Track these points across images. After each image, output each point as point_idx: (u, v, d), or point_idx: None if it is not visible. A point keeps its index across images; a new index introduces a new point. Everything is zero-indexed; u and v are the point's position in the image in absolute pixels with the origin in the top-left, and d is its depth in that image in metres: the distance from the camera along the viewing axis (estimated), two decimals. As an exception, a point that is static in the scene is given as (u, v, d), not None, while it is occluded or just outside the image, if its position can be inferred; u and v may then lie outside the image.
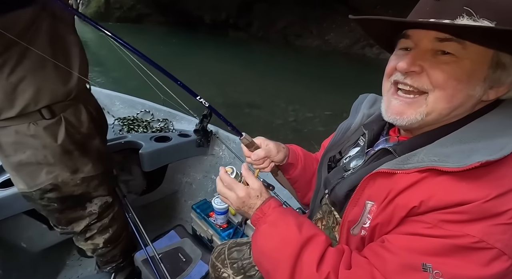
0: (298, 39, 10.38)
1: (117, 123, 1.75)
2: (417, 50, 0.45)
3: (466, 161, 0.37)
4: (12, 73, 0.73)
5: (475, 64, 0.42)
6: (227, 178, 0.60)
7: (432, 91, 0.44)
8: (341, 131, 0.68)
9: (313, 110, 4.32)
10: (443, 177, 0.39)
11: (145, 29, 13.57)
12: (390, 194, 0.44)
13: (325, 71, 7.22)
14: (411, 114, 0.46)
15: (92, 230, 1.04)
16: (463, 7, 0.39)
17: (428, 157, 0.41)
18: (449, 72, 0.42)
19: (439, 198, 0.38)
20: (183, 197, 1.74)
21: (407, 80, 0.45)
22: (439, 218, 0.38)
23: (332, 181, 0.60)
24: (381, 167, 0.46)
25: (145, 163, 1.38)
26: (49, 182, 0.87)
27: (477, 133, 0.42)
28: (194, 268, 1.18)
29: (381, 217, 0.45)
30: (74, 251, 1.38)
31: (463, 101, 0.44)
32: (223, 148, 1.60)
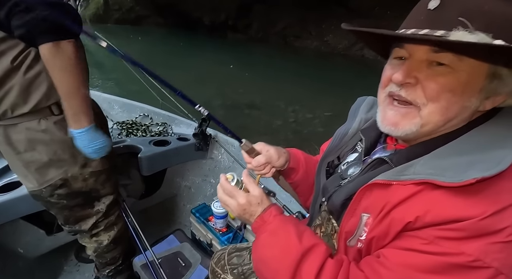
0: (297, 40, 10.41)
1: (116, 127, 1.75)
2: (412, 60, 0.44)
3: (462, 177, 0.36)
4: (30, 69, 0.76)
5: (471, 76, 0.41)
6: (227, 186, 0.59)
7: (426, 104, 0.43)
8: (339, 136, 0.68)
9: (313, 111, 4.32)
10: (439, 192, 0.39)
11: (144, 31, 13.58)
12: (386, 207, 0.43)
13: (325, 72, 7.23)
14: (406, 125, 0.45)
15: (98, 227, 1.06)
16: (458, 17, 0.37)
17: (424, 169, 0.41)
18: (444, 84, 0.41)
19: (435, 214, 0.38)
20: (182, 201, 1.74)
21: (402, 92, 0.45)
22: (435, 235, 0.38)
23: (329, 189, 0.59)
24: (377, 178, 0.45)
25: (144, 167, 1.38)
26: (59, 177, 0.89)
27: (475, 144, 0.41)
28: (193, 273, 1.17)
29: (377, 230, 0.44)
30: (72, 256, 1.38)
31: (458, 113, 0.43)
32: (222, 152, 1.60)
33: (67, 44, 0.72)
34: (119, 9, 14.67)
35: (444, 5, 0.39)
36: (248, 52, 10.17)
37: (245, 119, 4.08)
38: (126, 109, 1.98)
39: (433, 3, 0.40)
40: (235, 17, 11.77)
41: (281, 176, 0.76)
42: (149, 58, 7.31)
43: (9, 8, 0.65)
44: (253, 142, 0.69)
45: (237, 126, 3.74)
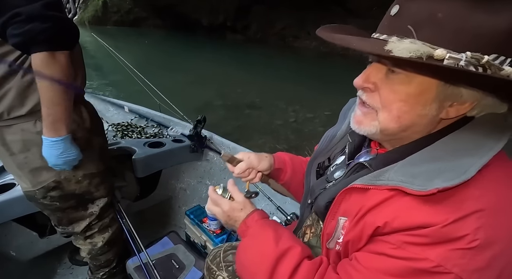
0: (296, 41, 10.43)
1: (111, 129, 1.75)
2: (373, 66, 0.45)
3: (428, 185, 0.37)
4: (27, 73, 0.77)
5: (422, 85, 0.40)
6: (213, 195, 0.64)
7: (381, 110, 0.44)
8: (327, 138, 0.68)
9: (313, 111, 4.34)
10: (408, 199, 0.40)
11: (143, 33, 13.61)
12: (360, 211, 0.44)
13: (324, 72, 7.25)
14: (366, 125, 0.47)
15: (92, 229, 1.07)
16: (407, 25, 0.37)
17: (397, 176, 0.42)
18: (397, 93, 0.42)
19: (402, 220, 0.39)
20: (177, 203, 1.73)
21: (363, 96, 0.47)
22: (402, 240, 0.39)
23: (316, 191, 0.61)
24: (355, 183, 0.46)
25: (138, 169, 1.38)
26: (52, 180, 0.89)
27: (448, 151, 0.42)
28: (187, 275, 1.17)
29: (352, 233, 0.45)
30: (66, 259, 1.37)
31: (413, 121, 0.43)
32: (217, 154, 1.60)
33: (61, 55, 0.73)
34: (117, 11, 14.70)
35: (401, 12, 0.39)
36: (247, 53, 10.19)
37: (246, 119, 4.09)
38: (121, 111, 1.98)
39: (393, 10, 0.40)
40: (234, 19, 11.80)
41: (271, 179, 0.78)
42: (149, 60, 7.33)
43: (8, 17, 0.66)
44: (254, 142, 0.71)
45: (237, 126, 3.76)
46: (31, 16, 0.66)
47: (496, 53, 0.35)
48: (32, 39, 0.67)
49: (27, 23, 0.66)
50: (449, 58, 0.34)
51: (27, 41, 0.67)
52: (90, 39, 7.67)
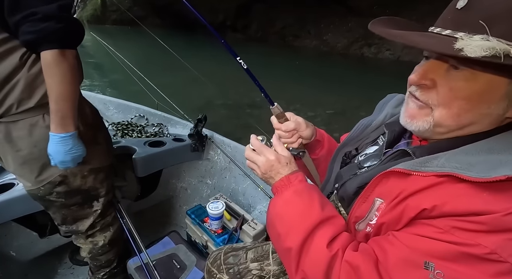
0: (296, 40, 10.41)
1: (111, 128, 1.74)
2: (432, 62, 0.43)
3: (491, 173, 0.35)
4: (33, 65, 0.79)
5: (491, 83, 0.38)
6: (257, 143, 0.59)
7: (437, 107, 0.42)
8: (361, 127, 0.66)
9: (314, 110, 4.33)
10: (463, 185, 0.37)
11: (142, 32, 13.55)
12: (401, 194, 0.42)
13: (324, 71, 7.24)
14: (419, 120, 0.45)
15: (95, 228, 1.06)
16: (479, 21, 0.35)
17: (450, 163, 0.39)
18: (458, 91, 0.40)
19: (455, 204, 0.37)
20: (178, 203, 1.73)
21: (417, 93, 0.44)
22: (452, 225, 0.37)
23: (344, 177, 0.59)
24: (397, 166, 0.44)
25: (138, 168, 1.37)
26: (58, 174, 0.89)
27: (506, 144, 0.40)
28: (188, 275, 1.16)
29: (389, 216, 0.43)
30: (66, 259, 1.36)
31: (474, 120, 0.41)
32: (218, 153, 1.58)
33: (70, 53, 0.76)
34: (116, 10, 14.65)
35: (470, 5, 0.37)
36: (247, 52, 10.15)
37: (247, 118, 4.07)
38: (121, 110, 1.96)
39: (460, 3, 0.38)
40: (234, 17, 11.78)
41: (306, 154, 0.72)
42: (148, 59, 7.30)
43: (24, 15, 0.69)
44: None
45: (239, 125, 3.76)
46: (47, 16, 0.70)
47: None
48: (45, 37, 0.71)
49: (42, 22, 0.70)
50: None
51: (40, 38, 0.71)
52: (89, 38, 7.65)
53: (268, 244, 0.82)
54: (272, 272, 0.77)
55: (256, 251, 0.81)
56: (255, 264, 0.79)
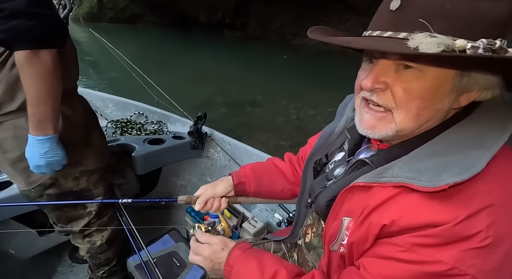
0: (295, 38, 10.39)
1: (110, 126, 1.73)
2: (380, 64, 0.42)
3: (436, 181, 0.36)
4: (14, 66, 0.73)
5: (439, 78, 0.39)
6: (192, 244, 0.61)
7: (396, 110, 0.42)
8: (325, 135, 0.67)
9: (315, 108, 4.35)
10: (415, 196, 0.38)
11: (139, 30, 13.48)
12: (365, 210, 0.43)
13: (324, 69, 7.24)
14: (382, 129, 0.44)
15: (91, 228, 1.05)
16: (418, 19, 0.36)
17: (402, 172, 0.40)
18: (412, 91, 0.40)
19: (409, 218, 0.38)
20: (178, 200, 1.72)
21: (373, 97, 0.44)
22: (411, 242, 0.37)
23: (315, 190, 0.59)
24: (357, 181, 0.45)
25: (138, 166, 1.36)
26: (48, 176, 0.86)
27: (453, 143, 0.41)
28: (188, 273, 1.16)
29: (357, 234, 0.44)
30: (66, 257, 1.36)
31: (431, 116, 0.42)
32: (218, 150, 1.58)
33: (46, 53, 0.70)
34: (113, 7, 14.53)
35: (404, 5, 0.37)
36: (246, 50, 10.14)
37: (248, 117, 4.11)
38: (120, 108, 1.95)
39: (394, 4, 0.38)
40: (232, 15, 11.72)
41: (240, 197, 0.77)
42: (145, 58, 7.26)
43: None
44: (257, 139, 0.71)
45: (240, 124, 3.79)
46: (14, 13, 0.63)
47: (500, 37, 0.35)
48: (16, 36, 0.65)
49: (11, 19, 0.63)
50: (470, 48, 0.33)
51: (10, 38, 0.65)
52: (85, 36, 7.57)
53: (269, 243, 0.82)
54: None
55: None
56: None
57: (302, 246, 0.65)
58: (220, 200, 0.74)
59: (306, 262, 0.62)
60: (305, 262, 0.63)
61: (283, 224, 1.30)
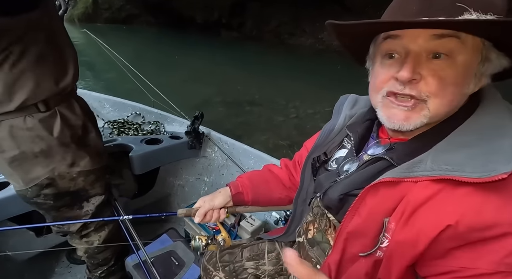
0: (291, 38, 10.42)
1: (107, 126, 1.72)
2: (412, 55, 0.42)
3: (487, 171, 0.35)
4: (13, 67, 0.75)
5: (468, 64, 0.41)
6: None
7: (431, 99, 0.42)
8: (325, 132, 0.68)
9: (313, 107, 4.37)
10: (467, 189, 0.37)
11: (135, 30, 13.41)
12: (407, 208, 0.40)
13: (321, 69, 7.27)
14: (417, 119, 0.44)
15: (88, 228, 1.05)
16: (456, 3, 0.37)
17: (438, 165, 0.39)
18: (446, 78, 0.41)
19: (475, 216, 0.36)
20: (176, 200, 1.73)
21: (406, 90, 0.43)
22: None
23: (324, 185, 0.59)
24: (385, 176, 0.43)
25: (135, 166, 1.36)
26: (45, 176, 0.87)
27: (476, 135, 0.41)
28: (187, 272, 1.17)
29: (403, 235, 0.41)
30: (63, 257, 1.35)
31: (460, 101, 0.44)
32: (216, 150, 1.59)
33: None
34: (108, 8, 14.45)
35: None
36: (243, 50, 10.14)
37: (247, 116, 4.11)
38: (117, 108, 1.95)
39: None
40: (229, 15, 11.72)
41: (238, 207, 0.79)
42: (142, 58, 7.24)
43: None
44: (257, 138, 0.72)
45: (239, 123, 3.79)
46: None
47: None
48: None
49: None
50: None
51: None
52: (80, 36, 7.51)
53: (264, 243, 0.83)
54: (267, 272, 0.78)
55: (252, 250, 0.82)
56: (251, 263, 0.80)
57: (304, 243, 0.64)
58: (219, 211, 0.75)
59: (309, 258, 0.62)
60: (308, 259, 0.62)
61: (281, 222, 1.31)
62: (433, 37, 0.40)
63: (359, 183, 0.48)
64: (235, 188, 0.77)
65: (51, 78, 0.82)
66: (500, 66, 0.43)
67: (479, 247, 0.36)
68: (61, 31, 0.87)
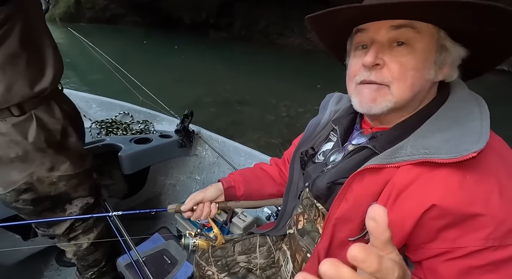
0: (280, 38, 10.50)
1: (95, 127, 1.69)
2: (376, 44, 0.47)
3: (459, 151, 0.37)
4: None
5: (426, 50, 0.45)
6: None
7: (393, 83, 0.46)
8: (312, 126, 0.71)
9: (303, 105, 4.43)
10: (444, 171, 0.40)
11: (120, 30, 13.13)
12: (393, 191, 0.43)
13: (310, 68, 7.37)
14: (382, 102, 0.47)
15: (76, 231, 1.03)
16: None
17: (417, 149, 0.42)
18: (407, 63, 0.45)
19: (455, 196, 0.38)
20: (167, 200, 1.72)
21: (372, 76, 0.47)
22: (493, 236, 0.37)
23: (312, 176, 0.61)
24: (370, 163, 0.46)
25: (125, 166, 1.35)
26: (23, 181, 0.84)
27: (450, 119, 0.44)
28: (179, 270, 1.16)
29: (389, 217, 0.41)
30: (53, 261, 1.32)
31: (423, 85, 0.47)
32: (206, 148, 1.59)
33: None
34: (92, 7, 14.08)
35: None
36: (232, 50, 10.13)
37: (238, 116, 4.12)
38: (104, 108, 1.91)
39: None
40: (217, 16, 11.67)
41: (229, 202, 0.79)
42: (128, 58, 7.10)
43: None
44: (249, 137, 0.74)
45: (230, 123, 3.79)
46: None
47: None
48: None
49: None
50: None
51: None
52: (61, 36, 7.28)
53: (255, 237, 0.84)
54: (259, 265, 0.80)
55: (243, 244, 0.83)
56: (243, 256, 0.81)
57: (295, 234, 0.66)
58: (210, 205, 0.75)
59: (300, 248, 0.64)
60: (299, 248, 0.64)
61: (272, 218, 1.33)
62: (392, 27, 0.45)
63: (346, 171, 0.51)
64: (227, 182, 0.78)
65: (25, 81, 0.78)
66: (458, 55, 0.47)
67: (465, 225, 0.38)
68: (41, 30, 0.83)
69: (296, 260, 0.66)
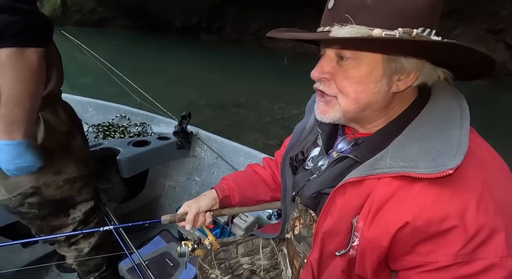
0: (271, 42, 10.58)
1: (91, 130, 1.67)
2: (325, 57, 0.49)
3: (436, 166, 0.38)
4: None
5: (370, 65, 0.45)
6: None
7: (339, 95, 0.48)
8: (298, 132, 0.70)
9: (298, 107, 4.46)
10: (421, 185, 0.40)
11: (109, 34, 12.95)
12: (372, 206, 0.43)
13: (302, 71, 7.41)
14: (331, 112, 0.50)
15: (77, 236, 1.02)
16: (344, 14, 0.41)
17: (396, 162, 0.42)
18: (350, 78, 0.46)
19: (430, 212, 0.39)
20: (167, 202, 1.71)
21: (321, 87, 0.50)
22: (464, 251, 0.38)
23: (300, 184, 0.61)
24: (350, 176, 0.46)
25: (123, 169, 1.34)
26: (30, 185, 0.83)
27: (429, 128, 0.44)
28: (182, 272, 1.16)
29: (370, 233, 0.44)
30: (53, 267, 1.30)
31: (370, 99, 0.47)
32: (205, 149, 1.59)
33: (33, 53, 0.67)
34: (79, 10, 13.85)
35: (337, 3, 0.43)
36: (224, 53, 10.15)
37: (234, 118, 4.15)
38: (101, 111, 1.89)
39: (330, 3, 0.45)
40: (208, 19, 11.68)
41: (224, 209, 0.79)
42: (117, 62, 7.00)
43: None
44: (246, 139, 0.74)
45: (227, 125, 3.81)
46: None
47: (423, 27, 0.41)
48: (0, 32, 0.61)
49: None
50: (385, 36, 0.40)
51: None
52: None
53: (258, 238, 0.84)
54: (262, 266, 0.80)
55: (246, 246, 0.83)
56: (246, 258, 0.81)
57: (292, 239, 0.66)
58: (205, 214, 0.75)
59: (297, 253, 0.64)
60: (296, 254, 0.64)
61: (273, 217, 1.35)
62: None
63: (329, 182, 0.52)
64: (222, 191, 0.76)
65: None
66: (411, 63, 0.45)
67: (437, 240, 0.39)
68: None
69: (294, 266, 0.66)
